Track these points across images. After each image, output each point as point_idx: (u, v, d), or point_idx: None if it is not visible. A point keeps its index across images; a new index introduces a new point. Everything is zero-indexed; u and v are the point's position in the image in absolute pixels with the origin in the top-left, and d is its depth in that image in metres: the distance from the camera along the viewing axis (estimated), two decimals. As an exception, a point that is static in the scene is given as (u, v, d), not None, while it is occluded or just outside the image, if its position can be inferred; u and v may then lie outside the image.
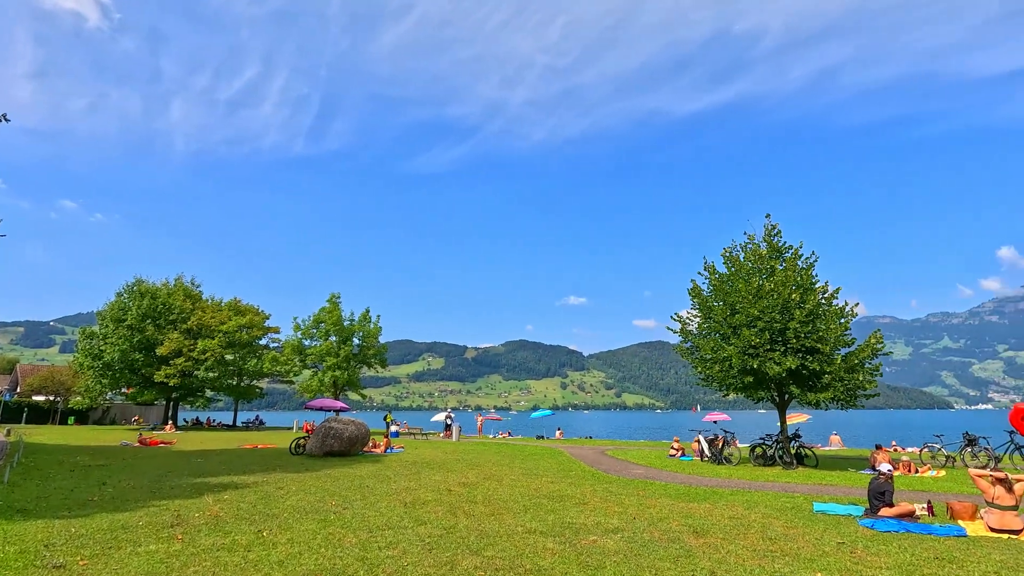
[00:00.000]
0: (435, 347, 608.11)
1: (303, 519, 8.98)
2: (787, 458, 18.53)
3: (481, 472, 16.29)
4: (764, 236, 20.46)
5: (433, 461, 19.55)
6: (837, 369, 17.42)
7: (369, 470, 16.34)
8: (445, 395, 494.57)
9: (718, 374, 19.02)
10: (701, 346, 19.87)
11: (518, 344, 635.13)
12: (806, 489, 13.39)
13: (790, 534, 8.22)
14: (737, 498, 11.71)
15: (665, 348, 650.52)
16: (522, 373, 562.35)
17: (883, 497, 9.63)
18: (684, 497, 11.85)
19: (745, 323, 18.33)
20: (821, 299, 18.52)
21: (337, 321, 42.25)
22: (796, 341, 17.60)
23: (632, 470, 17.66)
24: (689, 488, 13.40)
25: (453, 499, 11.27)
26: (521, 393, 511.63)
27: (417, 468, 17.16)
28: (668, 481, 14.89)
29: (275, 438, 33.24)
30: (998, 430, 22.20)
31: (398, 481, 13.94)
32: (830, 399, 17.64)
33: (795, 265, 18.97)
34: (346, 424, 21.33)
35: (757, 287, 18.52)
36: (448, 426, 40.69)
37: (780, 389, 18.84)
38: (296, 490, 12.10)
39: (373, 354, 43.71)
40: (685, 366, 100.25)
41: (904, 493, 12.49)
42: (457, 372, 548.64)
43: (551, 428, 42.38)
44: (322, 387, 41.50)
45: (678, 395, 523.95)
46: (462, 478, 14.79)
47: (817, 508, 10.24)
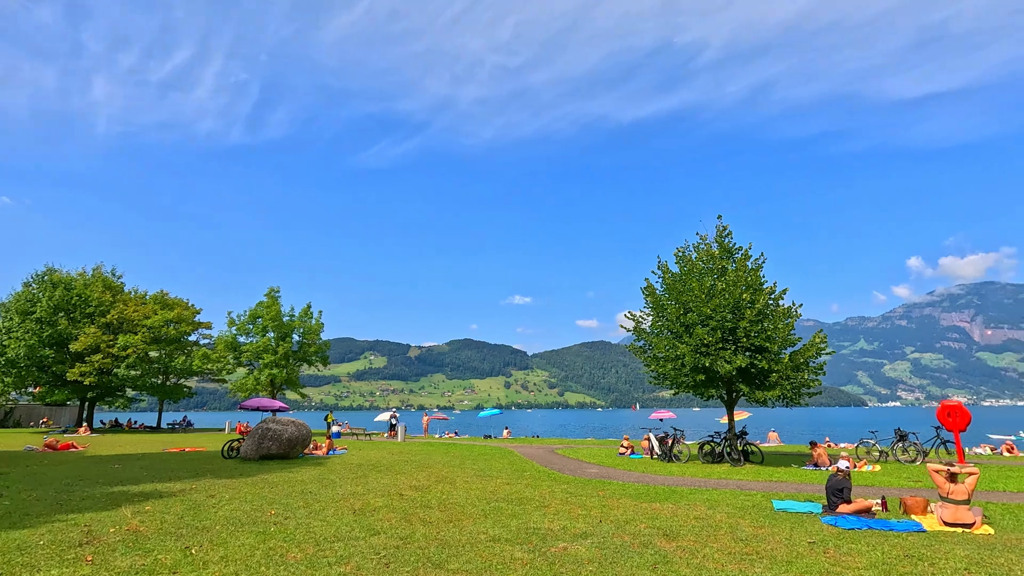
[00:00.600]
0: (377, 345, 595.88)
1: (239, 532, 8.03)
2: (735, 455, 18.84)
3: (432, 474, 15.56)
4: (716, 237, 20.77)
5: (380, 463, 18.61)
6: (784, 368, 17.86)
7: (311, 474, 15.26)
8: (387, 394, 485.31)
9: (671, 372, 19.12)
10: (655, 344, 19.93)
11: (463, 343, 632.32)
12: (759, 486, 13.51)
13: (760, 534, 8.06)
14: (697, 497, 11.60)
15: (607, 348, 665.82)
16: (466, 372, 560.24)
17: (841, 494, 9.70)
18: (645, 497, 11.62)
19: (698, 322, 18.50)
20: (769, 299, 18.94)
21: (276, 316, 40.04)
22: (746, 340, 17.92)
23: (586, 469, 17.42)
24: (647, 487, 13.22)
25: (406, 504, 10.54)
26: (465, 392, 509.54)
27: (363, 471, 16.21)
28: (624, 480, 14.70)
29: (205, 440, 31.02)
30: (914, 425, 23.57)
31: (344, 486, 13.02)
32: (777, 397, 18.06)
33: (745, 266, 19.33)
34: (285, 425, 19.99)
35: (710, 286, 18.73)
36: (393, 426, 39.49)
37: (729, 387, 19.15)
38: (230, 498, 10.98)
39: (314, 351, 41.74)
40: (626, 365, 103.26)
41: (855, 489, 12.78)
42: (400, 371, 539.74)
43: (498, 427, 41.92)
44: (258, 386, 39.20)
45: (618, 394, 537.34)
46: (413, 481, 14.02)
47: (777, 506, 10.23)
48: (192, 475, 14.68)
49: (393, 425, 39.77)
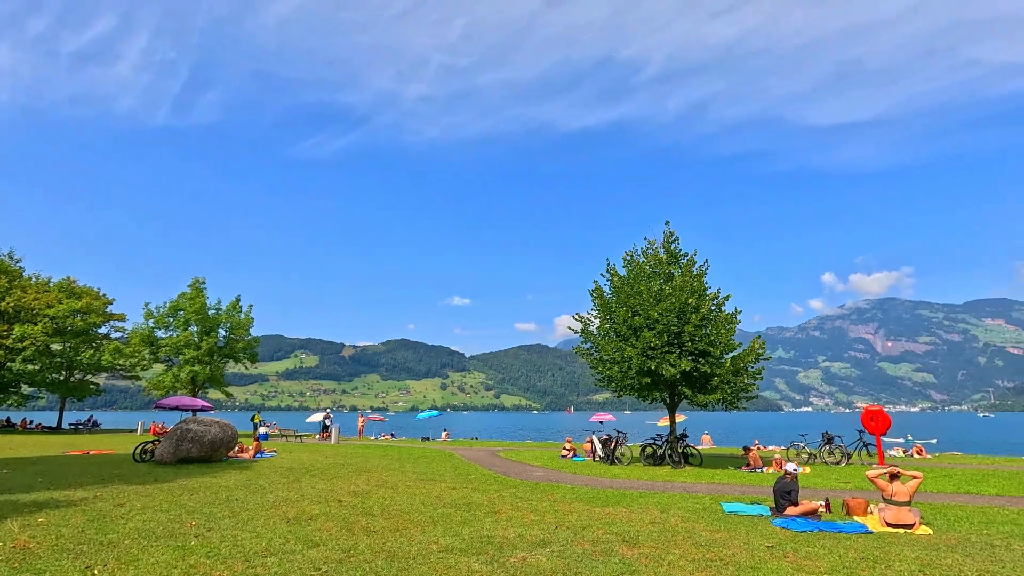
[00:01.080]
0: (309, 344, 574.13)
1: (153, 547, 7.04)
2: (676, 457, 19.11)
3: (371, 478, 14.71)
4: (663, 242, 21.06)
5: (313, 466, 17.49)
6: (725, 372, 18.28)
7: (237, 479, 14.03)
8: (318, 394, 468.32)
9: (617, 375, 19.14)
10: (602, 347, 19.91)
11: (399, 343, 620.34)
12: (704, 489, 13.63)
13: (718, 539, 7.93)
14: (648, 501, 11.47)
15: (544, 351, 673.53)
16: (402, 373, 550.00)
17: (789, 496, 9.82)
18: (596, 501, 11.37)
19: (645, 325, 18.63)
20: (712, 305, 19.37)
21: (200, 310, 37.26)
22: (691, 344, 18.20)
23: (532, 472, 17.08)
24: (596, 491, 13.01)
25: (346, 512, 9.74)
26: (400, 393, 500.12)
27: (296, 475, 15.11)
28: (572, 483, 14.46)
29: (113, 442, 28.33)
30: (822, 428, 24.89)
31: (275, 491, 11.98)
32: (718, 401, 18.46)
33: (691, 272, 19.70)
34: (208, 425, 18.44)
35: (657, 290, 18.93)
36: (326, 427, 37.78)
37: (672, 390, 19.40)
38: (142, 507, 9.78)
39: (242, 348, 39.20)
40: (562, 369, 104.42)
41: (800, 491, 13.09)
42: (332, 371, 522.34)
43: (437, 429, 41.03)
44: (177, 384, 36.32)
45: (554, 397, 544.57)
46: (351, 486, 13.16)
47: (727, 509, 10.24)
48: (97, 481, 13.10)
49: (326, 426, 38.04)
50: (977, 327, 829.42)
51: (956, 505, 11.31)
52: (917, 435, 55.47)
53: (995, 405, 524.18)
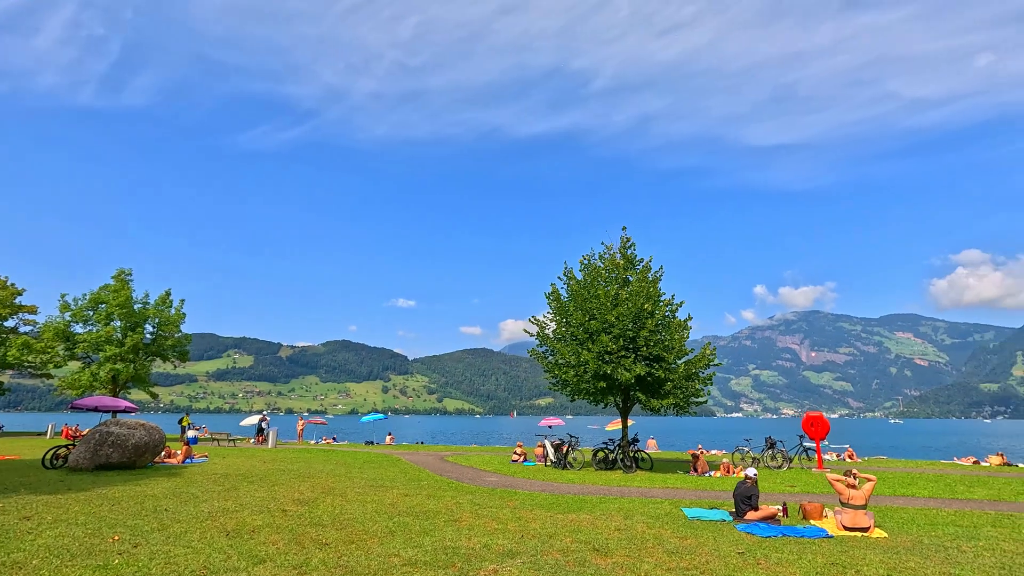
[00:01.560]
0: (244, 343, 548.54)
1: (68, 567, 6.13)
2: (628, 462, 19.16)
3: (316, 485, 13.83)
4: (620, 247, 21.19)
5: (251, 473, 16.32)
6: (679, 377, 18.51)
7: (165, 487, 12.82)
8: (252, 396, 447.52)
9: (573, 379, 19.00)
10: (559, 350, 19.73)
11: (340, 344, 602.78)
12: (661, 493, 13.63)
13: (687, 546, 7.79)
14: (608, 506, 11.29)
15: (489, 355, 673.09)
16: (342, 375, 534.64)
17: (750, 501, 9.87)
18: (557, 507, 11.07)
19: (602, 329, 18.61)
20: (667, 311, 19.62)
21: (125, 303, 34.45)
22: (646, 349, 18.32)
23: (485, 478, 16.62)
24: (555, 496, 12.73)
25: (292, 522, 8.99)
26: (339, 396, 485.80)
27: (232, 482, 14.00)
28: (528, 489, 14.12)
29: (19, 447, 25.63)
30: (751, 433, 25.87)
31: (210, 501, 10.97)
32: (670, 405, 18.65)
33: (646, 277, 19.88)
34: (131, 428, 16.88)
35: (615, 295, 18.97)
36: (262, 430, 35.87)
37: (626, 395, 19.47)
38: (54, 521, 8.65)
39: (171, 345, 36.56)
40: (506, 373, 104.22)
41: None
42: (268, 372, 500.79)
43: (381, 433, 39.77)
44: (96, 383, 33.37)
45: (497, 401, 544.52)
46: (295, 493, 12.28)
47: (689, 514, 10.19)
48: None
49: (262, 429, 36.12)
50: (890, 340, 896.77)
51: (899, 508, 11.77)
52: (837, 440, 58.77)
53: (903, 412, 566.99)
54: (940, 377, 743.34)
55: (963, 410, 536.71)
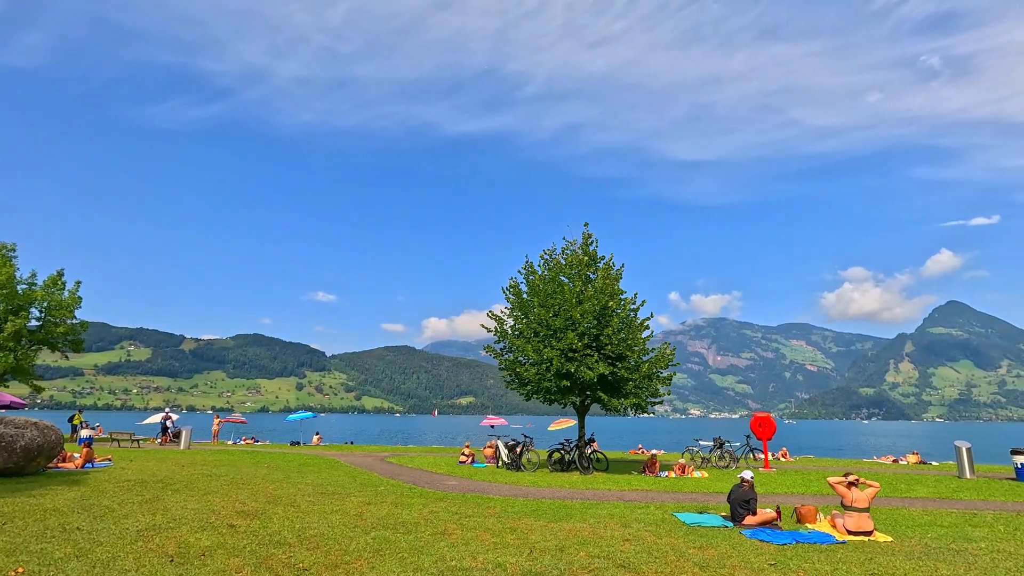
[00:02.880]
0: (140, 334, 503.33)
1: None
2: (584, 463, 18.66)
3: (257, 493, 12.14)
4: (582, 243, 20.71)
5: (171, 479, 14.20)
6: (640, 377, 18.25)
7: (69, 498, 10.67)
8: (148, 392, 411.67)
9: (534, 377, 18.20)
10: (519, 347, 18.88)
11: (251, 338, 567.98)
12: (636, 497, 13.14)
13: (710, 558, 7.20)
14: (598, 513, 10.56)
15: (411, 353, 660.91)
16: (253, 371, 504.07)
17: (748, 505, 9.52)
18: (544, 515, 10.20)
19: (566, 326, 18.00)
20: (630, 310, 19.35)
21: (5, 283, 29.70)
22: (610, 347, 17.91)
23: (443, 482, 15.46)
24: (534, 502, 11.85)
25: (248, 541, 7.52)
26: (248, 393, 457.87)
27: (152, 491, 11.98)
28: (499, 494, 13.16)
29: None
30: (664, 433, 26.59)
31: (134, 516, 9.14)
32: (632, 405, 18.35)
33: (609, 274, 19.52)
34: (20, 427, 14.19)
35: (580, 291, 18.43)
36: (166, 429, 32.37)
37: (585, 394, 18.95)
38: (-73, 548, 6.68)
39: (63, 333, 32.04)
40: (428, 372, 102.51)
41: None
42: (168, 366, 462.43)
43: (307, 433, 37.18)
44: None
45: (417, 400, 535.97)
46: (235, 504, 10.61)
47: (688, 520, 9.67)
48: None
49: (166, 428, 32.60)
50: (785, 346, 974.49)
51: (873, 508, 11.94)
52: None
53: (795, 413, 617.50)
54: (827, 381, 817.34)
55: (844, 412, 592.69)
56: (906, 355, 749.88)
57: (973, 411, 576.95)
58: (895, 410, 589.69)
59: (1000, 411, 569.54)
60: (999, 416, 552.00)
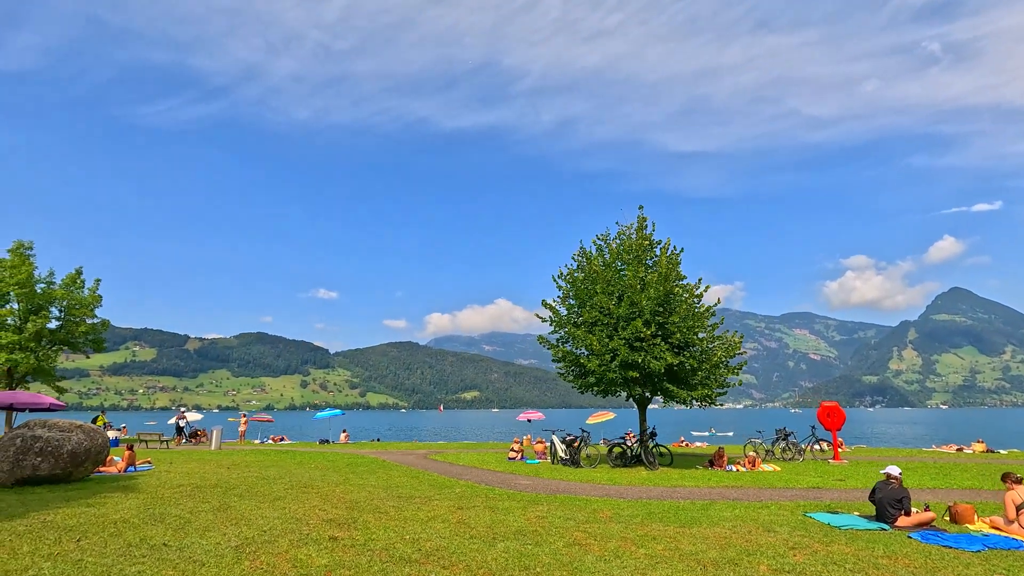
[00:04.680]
0: (145, 335, 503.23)
1: None
2: (650, 458, 17.72)
3: (331, 498, 11.18)
4: (637, 228, 19.67)
5: (227, 483, 13.24)
6: (710, 366, 17.26)
7: (134, 507, 9.70)
8: (154, 392, 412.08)
9: (599, 368, 17.14)
10: (579, 337, 17.82)
11: (254, 337, 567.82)
12: (738, 495, 12.17)
13: (920, 568, 6.21)
14: (721, 515, 9.56)
15: (414, 348, 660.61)
16: (257, 369, 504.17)
17: (901, 504, 8.54)
18: (667, 519, 9.20)
19: (630, 314, 16.98)
20: (694, 295, 18.34)
21: (25, 281, 28.72)
22: (679, 335, 16.90)
23: (515, 481, 14.50)
24: (638, 504, 10.86)
25: (368, 558, 6.53)
26: (254, 391, 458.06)
27: (216, 497, 11.01)
28: (585, 494, 12.21)
29: None
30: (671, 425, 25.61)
31: (216, 527, 8.17)
32: (701, 396, 17.35)
33: (675, 259, 18.49)
34: (66, 430, 13.25)
35: (643, 277, 17.41)
36: (181, 430, 31.64)
37: (654, 386, 17.95)
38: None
39: (83, 332, 31.10)
40: (431, 367, 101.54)
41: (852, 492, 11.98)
42: (173, 365, 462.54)
43: (335, 430, 36.31)
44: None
45: (421, 395, 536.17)
46: (317, 512, 9.64)
47: (837, 523, 8.67)
48: None
49: (180, 429, 31.80)
50: (788, 336, 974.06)
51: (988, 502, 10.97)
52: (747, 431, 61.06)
53: (799, 402, 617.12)
54: (830, 370, 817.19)
55: (848, 400, 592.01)
56: (909, 342, 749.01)
57: (977, 397, 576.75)
58: (899, 397, 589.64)
59: (1004, 397, 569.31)
60: (1003, 402, 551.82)
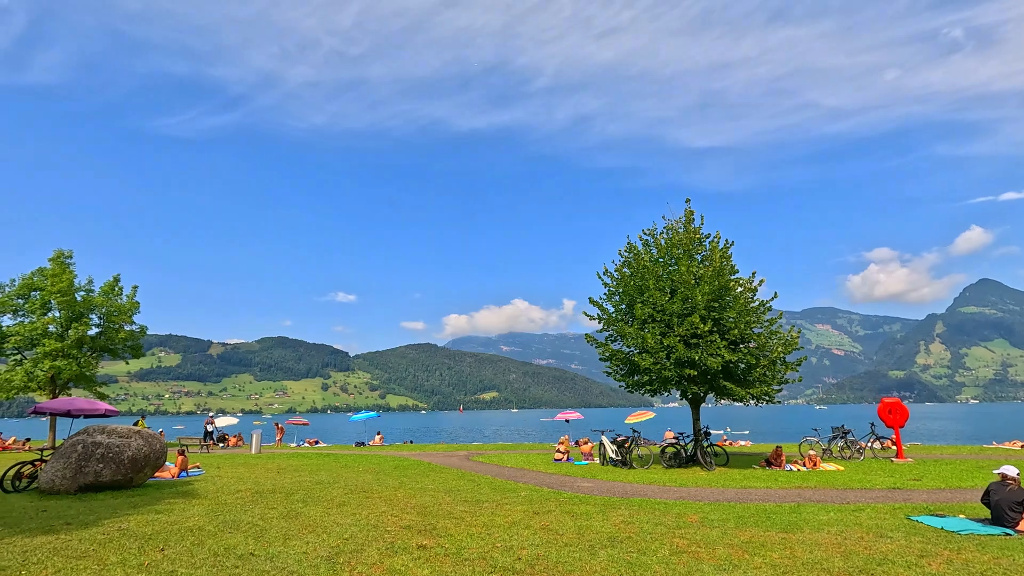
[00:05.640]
0: (170, 341, 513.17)
1: None
2: (708, 458, 17.18)
3: (397, 503, 10.89)
4: (684, 222, 19.13)
5: (284, 489, 13.05)
6: (768, 362, 16.67)
7: (203, 514, 9.50)
8: (180, 397, 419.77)
9: (653, 366, 16.62)
10: (630, 335, 17.32)
11: (276, 341, 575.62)
12: (815, 496, 11.62)
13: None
14: (817, 519, 9.03)
15: (433, 350, 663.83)
16: (278, 373, 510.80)
17: (1022, 507, 7.97)
18: (765, 523, 8.71)
19: (685, 310, 16.46)
20: (748, 289, 17.76)
21: (65, 290, 29.11)
22: (736, 331, 16.35)
23: (576, 484, 14.09)
24: (720, 507, 10.38)
25: (471, 570, 6.20)
26: (276, 395, 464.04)
27: (281, 503, 10.79)
28: (655, 496, 11.76)
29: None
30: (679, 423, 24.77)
31: (297, 536, 7.90)
32: (760, 394, 16.76)
33: (727, 254, 17.93)
34: (125, 436, 13.18)
35: (696, 272, 16.88)
36: (210, 434, 31.77)
37: (710, 384, 17.38)
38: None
39: (123, 339, 31.42)
40: (450, 368, 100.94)
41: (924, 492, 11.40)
42: (198, 371, 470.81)
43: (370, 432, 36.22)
44: (32, 383, 28.02)
45: (441, 396, 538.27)
46: (389, 518, 9.35)
47: (955, 527, 8.10)
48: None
49: (210, 433, 31.92)
50: (811, 331, 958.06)
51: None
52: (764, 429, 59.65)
53: (823, 399, 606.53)
54: (854, 366, 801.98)
55: (874, 395, 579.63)
56: (937, 336, 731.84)
57: (1010, 391, 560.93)
58: (927, 392, 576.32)
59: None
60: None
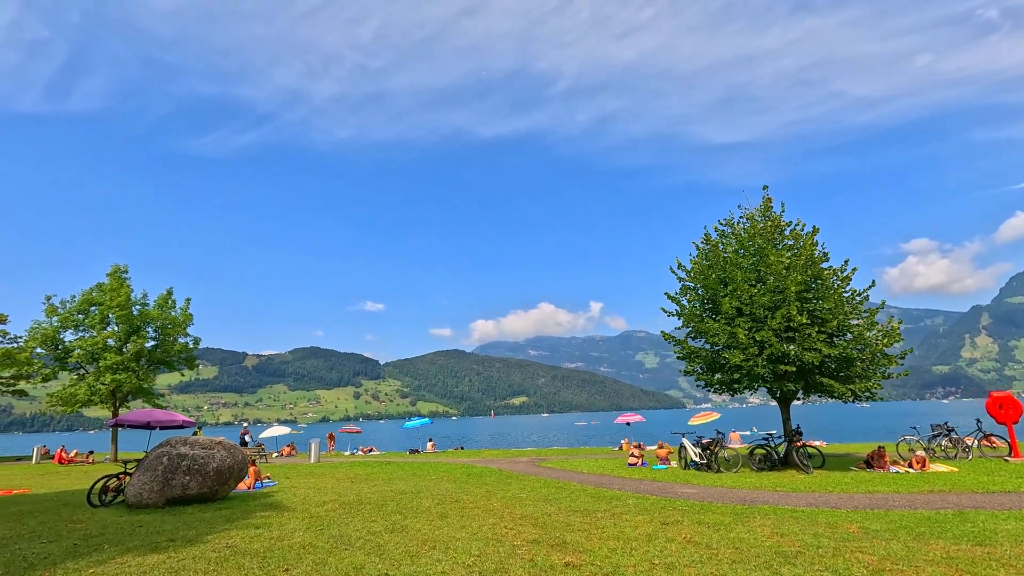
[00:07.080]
0: (207, 353, 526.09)
1: None
2: (804, 460, 16.04)
3: (500, 513, 10.18)
4: (763, 209, 18.09)
5: (368, 499, 12.49)
6: (869, 356, 15.50)
7: (302, 528, 8.92)
8: (217, 408, 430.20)
9: (744, 362, 15.60)
10: (716, 331, 16.30)
11: (308, 351, 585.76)
12: (960, 502, 10.51)
13: None
14: (960, 528, 8.02)
15: (461, 356, 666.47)
16: (311, 383, 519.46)
17: None
18: (926, 534, 7.72)
19: (775, 301, 15.42)
20: (840, 277, 16.62)
21: (123, 304, 29.47)
22: (835, 323, 15.22)
23: (677, 490, 13.20)
24: (855, 513, 9.41)
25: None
26: (309, 404, 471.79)
27: (380, 515, 10.18)
28: (770, 502, 10.80)
29: (14, 476, 20.80)
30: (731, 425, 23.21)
31: (422, 555, 7.26)
32: (862, 390, 15.57)
33: (812, 241, 16.82)
34: (209, 448, 12.82)
35: (789, 261, 15.83)
36: (245, 444, 31.37)
37: (806, 380, 16.26)
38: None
39: (178, 351, 31.68)
40: (479, 374, 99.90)
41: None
42: (234, 382, 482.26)
43: (422, 439, 35.77)
44: (94, 396, 28.38)
45: (471, 402, 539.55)
46: (503, 531, 8.64)
47: None
48: (69, 553, 7.43)
49: (246, 443, 31.50)
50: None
51: None
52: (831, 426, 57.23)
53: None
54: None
55: (918, 392, 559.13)
56: (983, 328, 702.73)
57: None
58: (974, 387, 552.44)
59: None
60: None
